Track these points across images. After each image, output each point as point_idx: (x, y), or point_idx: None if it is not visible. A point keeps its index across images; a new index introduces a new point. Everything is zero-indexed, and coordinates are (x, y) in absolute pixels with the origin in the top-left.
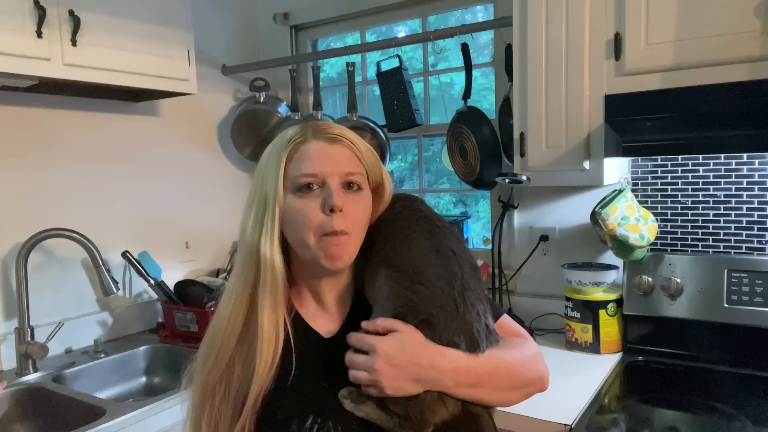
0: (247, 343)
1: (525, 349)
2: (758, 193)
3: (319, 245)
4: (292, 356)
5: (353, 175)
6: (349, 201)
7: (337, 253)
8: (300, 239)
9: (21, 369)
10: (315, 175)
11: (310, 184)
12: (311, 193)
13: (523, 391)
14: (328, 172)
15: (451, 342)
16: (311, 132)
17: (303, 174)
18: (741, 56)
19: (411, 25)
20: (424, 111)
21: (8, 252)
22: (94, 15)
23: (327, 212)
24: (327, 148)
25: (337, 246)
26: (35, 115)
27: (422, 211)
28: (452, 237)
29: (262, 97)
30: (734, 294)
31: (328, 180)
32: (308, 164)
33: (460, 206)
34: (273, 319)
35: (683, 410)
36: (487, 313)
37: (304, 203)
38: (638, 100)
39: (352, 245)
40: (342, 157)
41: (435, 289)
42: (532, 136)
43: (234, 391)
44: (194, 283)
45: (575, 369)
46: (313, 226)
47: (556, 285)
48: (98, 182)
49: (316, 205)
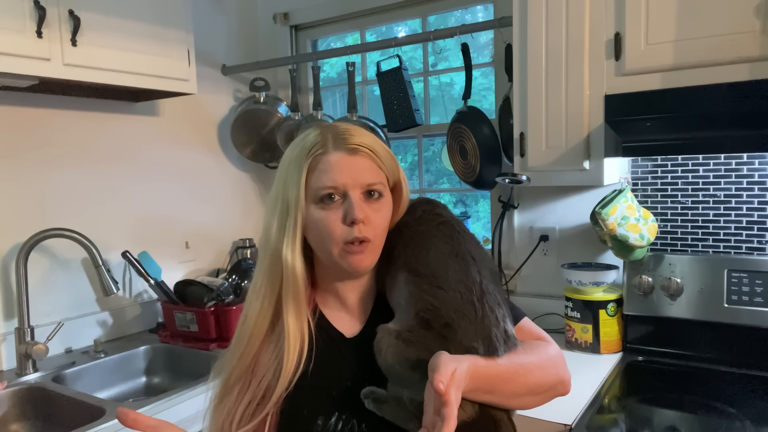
0: (273, 343)
1: (544, 353)
2: (758, 193)
3: (341, 254)
4: (313, 355)
5: (374, 185)
6: (370, 210)
7: (359, 260)
8: (323, 248)
9: (21, 369)
10: (336, 187)
11: (332, 194)
12: (333, 204)
13: (543, 395)
14: (349, 184)
15: (470, 347)
16: (332, 142)
17: (324, 186)
18: (741, 56)
19: (411, 25)
20: (424, 111)
21: (8, 252)
22: (94, 15)
23: (348, 224)
24: (348, 160)
25: (360, 253)
26: (35, 115)
27: (443, 215)
28: (472, 242)
29: (262, 97)
30: (734, 294)
31: (349, 192)
32: (329, 176)
33: (460, 206)
34: (298, 322)
35: (683, 410)
36: (506, 318)
37: (326, 215)
38: (638, 100)
39: (374, 251)
40: (363, 168)
41: (455, 294)
42: (532, 136)
43: (254, 388)
44: (194, 283)
45: (575, 369)
46: (336, 237)
47: (556, 285)
48: (98, 182)
49: (338, 216)
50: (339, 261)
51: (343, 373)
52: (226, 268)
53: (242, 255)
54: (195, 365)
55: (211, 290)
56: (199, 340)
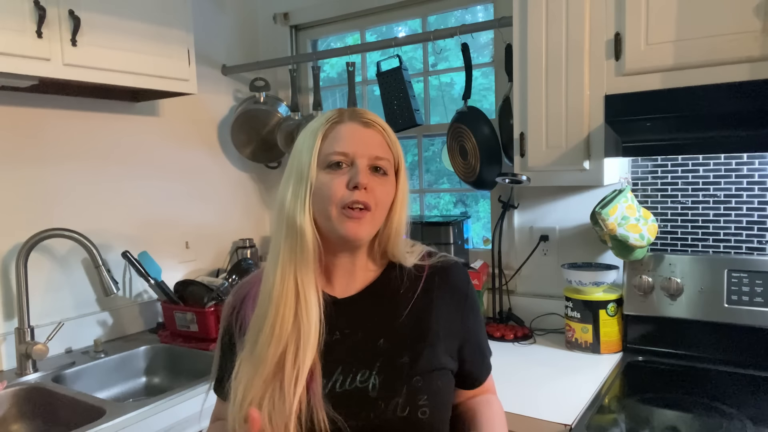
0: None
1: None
2: (758, 193)
3: (339, 217)
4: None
5: (381, 160)
6: (374, 181)
7: (355, 227)
8: (323, 211)
9: (21, 369)
10: (345, 154)
11: (340, 162)
12: (340, 170)
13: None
14: (358, 152)
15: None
16: (348, 114)
17: (334, 152)
18: (741, 56)
19: (411, 25)
20: (424, 111)
21: (8, 252)
22: (94, 15)
23: (351, 188)
24: (360, 131)
25: (357, 219)
26: (35, 115)
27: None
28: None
29: (262, 97)
30: (734, 294)
31: (357, 160)
32: (340, 143)
33: (460, 206)
34: (313, 287)
35: (683, 410)
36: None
37: (331, 178)
38: (638, 100)
39: (371, 222)
40: (373, 141)
41: None
42: (532, 136)
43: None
44: (194, 283)
45: (575, 369)
46: (336, 198)
47: (556, 285)
48: (98, 182)
49: (343, 181)
50: (336, 225)
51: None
52: (226, 268)
53: (242, 255)
54: (195, 365)
55: (211, 290)
56: (199, 340)
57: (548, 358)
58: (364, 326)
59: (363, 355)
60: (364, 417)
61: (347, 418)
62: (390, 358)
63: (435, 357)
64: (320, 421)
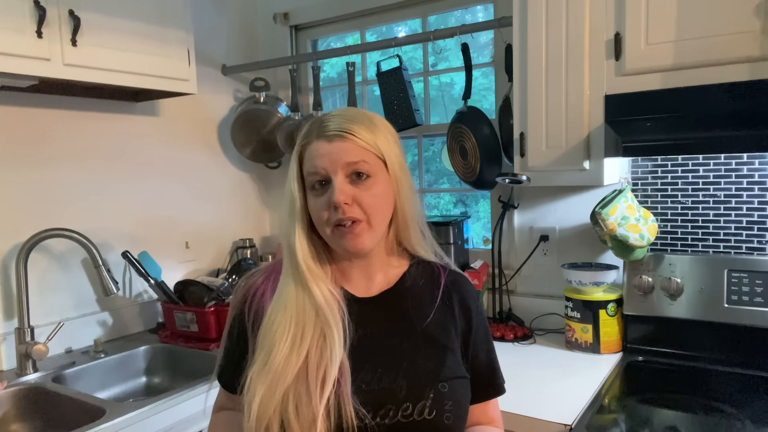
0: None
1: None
2: (758, 193)
3: (333, 236)
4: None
5: (356, 164)
6: (358, 191)
7: (353, 240)
8: (321, 231)
9: (21, 369)
10: (318, 173)
11: (320, 181)
12: (322, 189)
13: None
14: (330, 168)
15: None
16: (316, 132)
17: (309, 173)
18: (741, 56)
19: (411, 25)
20: (424, 111)
21: (8, 252)
22: (94, 15)
23: (333, 208)
24: (326, 147)
25: (351, 233)
26: (35, 115)
27: None
28: None
29: (262, 97)
30: (734, 294)
31: (332, 176)
32: (312, 163)
33: (460, 206)
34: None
35: (683, 410)
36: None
37: (317, 201)
38: (638, 100)
39: (370, 231)
40: (341, 151)
41: None
42: (532, 136)
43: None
44: (194, 283)
45: (575, 369)
46: (324, 220)
47: (556, 285)
48: (98, 182)
49: (325, 201)
50: (335, 242)
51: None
52: (226, 268)
53: (242, 255)
54: (195, 365)
55: (211, 290)
56: (199, 340)
57: (548, 358)
58: (386, 327)
59: (388, 356)
60: (392, 416)
61: (374, 417)
62: (414, 362)
63: (457, 365)
64: (348, 415)
